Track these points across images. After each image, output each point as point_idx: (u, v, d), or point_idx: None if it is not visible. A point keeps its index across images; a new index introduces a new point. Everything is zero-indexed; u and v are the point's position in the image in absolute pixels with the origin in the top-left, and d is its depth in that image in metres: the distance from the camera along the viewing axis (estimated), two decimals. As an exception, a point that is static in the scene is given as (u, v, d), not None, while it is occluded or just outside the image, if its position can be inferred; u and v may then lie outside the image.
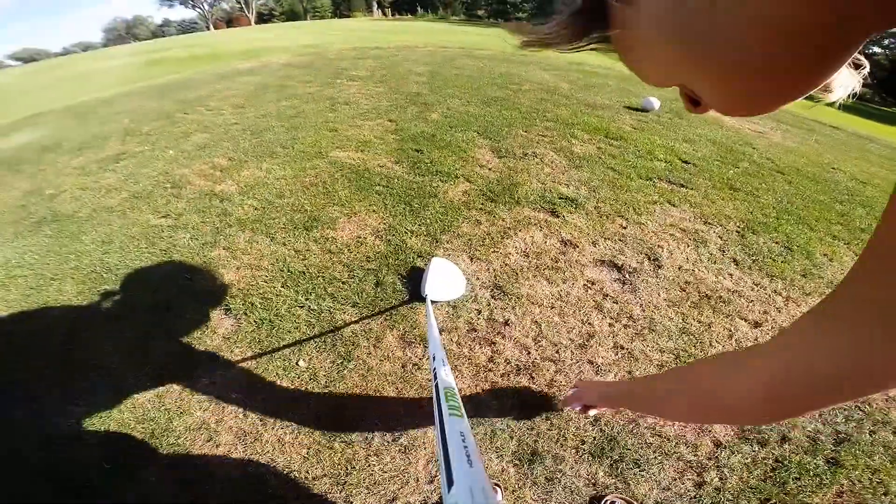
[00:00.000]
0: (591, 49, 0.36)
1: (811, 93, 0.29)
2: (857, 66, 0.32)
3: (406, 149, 2.88)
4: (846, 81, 0.30)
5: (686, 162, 2.85)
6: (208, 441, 1.22)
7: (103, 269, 1.87)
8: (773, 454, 1.23)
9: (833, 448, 1.25)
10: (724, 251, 1.99)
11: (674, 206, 2.32)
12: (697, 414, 0.56)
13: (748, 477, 1.18)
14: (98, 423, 1.27)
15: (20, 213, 2.38)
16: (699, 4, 0.24)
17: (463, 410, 0.75)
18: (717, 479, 1.17)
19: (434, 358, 0.97)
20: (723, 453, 1.22)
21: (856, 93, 0.32)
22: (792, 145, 3.64)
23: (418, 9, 31.65)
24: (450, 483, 0.57)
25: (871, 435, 1.29)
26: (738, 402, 0.41)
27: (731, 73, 0.26)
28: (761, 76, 0.25)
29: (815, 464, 1.21)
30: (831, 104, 0.34)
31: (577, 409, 0.98)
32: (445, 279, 1.69)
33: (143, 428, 1.25)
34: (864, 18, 0.20)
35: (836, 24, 0.21)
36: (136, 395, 1.34)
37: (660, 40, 0.28)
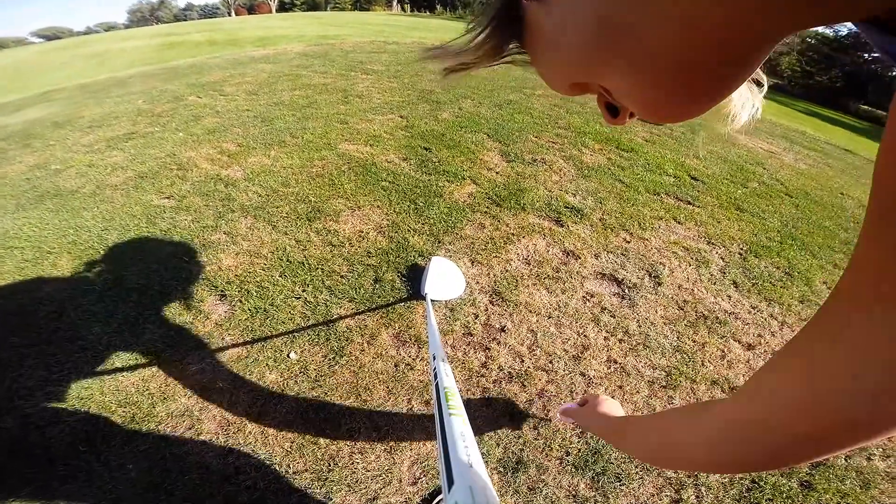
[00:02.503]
0: (509, 62, 0.35)
1: (724, 128, 0.29)
2: (759, 85, 0.30)
3: (415, 146, 2.87)
4: (747, 101, 0.30)
5: (695, 178, 2.82)
6: (190, 429, 1.21)
7: (101, 246, 1.86)
8: (750, 475, 1.22)
9: (808, 471, 1.25)
10: (724, 272, 1.97)
11: (679, 223, 2.29)
12: (661, 458, 0.54)
13: (723, 496, 1.17)
14: (79, 404, 1.26)
15: (24, 186, 2.38)
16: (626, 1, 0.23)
17: (463, 410, 0.74)
18: (693, 496, 1.16)
19: (434, 357, 0.95)
20: (702, 472, 1.21)
21: (758, 114, 0.32)
22: (803, 167, 3.60)
23: (437, 6, 31.67)
24: (450, 483, 0.56)
25: (846, 460, 1.29)
26: (691, 451, 0.40)
27: (655, 72, 0.25)
28: (684, 76, 0.24)
29: (788, 486, 1.21)
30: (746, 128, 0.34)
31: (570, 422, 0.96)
32: (445, 278, 1.68)
33: (124, 411, 1.24)
34: (781, 19, 0.20)
35: (753, 24, 0.20)
36: (120, 378, 1.33)
37: (581, 37, 0.27)
